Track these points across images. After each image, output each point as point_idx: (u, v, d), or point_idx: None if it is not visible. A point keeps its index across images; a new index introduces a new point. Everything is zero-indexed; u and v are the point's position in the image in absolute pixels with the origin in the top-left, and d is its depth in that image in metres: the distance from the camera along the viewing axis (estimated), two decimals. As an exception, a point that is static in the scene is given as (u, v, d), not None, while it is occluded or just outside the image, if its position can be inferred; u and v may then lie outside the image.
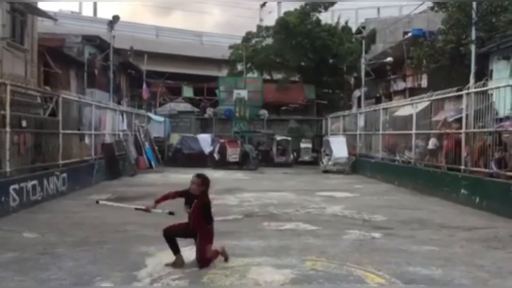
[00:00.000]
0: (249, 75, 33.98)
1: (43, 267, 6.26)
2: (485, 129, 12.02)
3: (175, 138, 27.04)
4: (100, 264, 6.42)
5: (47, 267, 6.25)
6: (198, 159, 25.17)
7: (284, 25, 31.17)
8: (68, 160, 14.44)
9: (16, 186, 10.54)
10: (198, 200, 6.26)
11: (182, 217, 6.46)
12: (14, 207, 10.33)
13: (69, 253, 6.93)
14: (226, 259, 6.40)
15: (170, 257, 6.60)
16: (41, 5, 18.59)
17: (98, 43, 25.47)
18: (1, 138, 10.49)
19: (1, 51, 15.09)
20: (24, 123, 12.07)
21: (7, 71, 14.80)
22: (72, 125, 15.35)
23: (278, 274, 5.97)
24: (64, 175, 13.40)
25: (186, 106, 34.29)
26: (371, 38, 32.28)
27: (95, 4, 50.54)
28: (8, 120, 10.68)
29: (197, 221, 6.25)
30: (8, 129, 10.69)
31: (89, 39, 25.11)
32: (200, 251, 6.23)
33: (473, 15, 17.84)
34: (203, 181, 6.34)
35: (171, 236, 6.40)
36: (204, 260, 6.21)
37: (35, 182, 11.47)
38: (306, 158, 27.35)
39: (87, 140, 16.85)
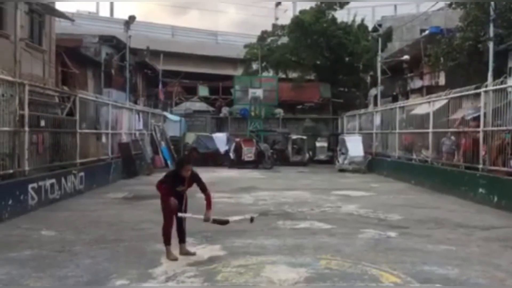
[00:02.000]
0: (265, 74, 33.96)
1: (60, 264, 6.35)
2: (504, 127, 11.84)
3: (190, 137, 27.17)
4: (116, 261, 6.49)
5: (65, 264, 6.35)
6: (213, 158, 25.29)
7: (299, 23, 31.08)
8: (86, 159, 14.63)
9: (35, 185, 10.70)
10: (187, 179, 6.77)
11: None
12: (33, 206, 10.49)
13: (86, 251, 7.02)
14: None
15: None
16: (59, 6, 18.84)
17: (114, 43, 25.74)
18: (20, 138, 10.66)
19: (20, 51, 15.32)
20: (42, 123, 12.25)
21: (25, 71, 15.03)
22: (89, 124, 15.54)
23: (292, 272, 5.97)
24: (82, 174, 13.57)
25: (201, 105, 34.45)
26: (388, 36, 32.00)
27: (111, 5, 51.17)
28: (26, 119, 10.86)
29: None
30: (27, 128, 10.87)
31: (106, 39, 25.38)
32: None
33: (491, 12, 17.57)
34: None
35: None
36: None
37: (53, 181, 11.63)
38: (322, 157, 27.26)
39: (104, 139, 17.02)
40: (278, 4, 50.78)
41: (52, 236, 8.06)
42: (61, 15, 19.50)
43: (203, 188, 6.78)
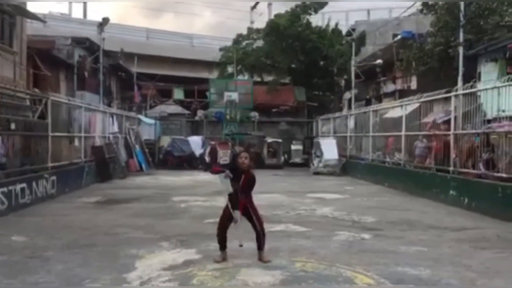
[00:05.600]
0: (240, 77, 34.00)
1: (31, 270, 6.22)
2: (473, 131, 12.14)
3: (165, 141, 26.98)
4: (89, 267, 6.39)
5: (36, 270, 6.22)
6: (189, 161, 25.18)
7: (274, 27, 31.22)
8: (58, 162, 14.36)
9: (5, 189, 10.46)
10: (245, 174, 6.55)
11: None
12: (3, 211, 10.25)
13: (58, 256, 6.89)
14: None
15: (160, 259, 6.63)
16: (31, 7, 18.50)
17: (88, 45, 25.38)
18: (-11, 141, 10.42)
19: (-11, 53, 14.99)
20: (12, 126, 11.99)
21: (-5, 73, 14.70)
22: (62, 127, 15.27)
23: (267, 275, 5.98)
24: (54, 178, 13.31)
25: (176, 108, 34.25)
26: (361, 40, 32.44)
27: (85, 6, 50.36)
28: (-4, 122, 10.62)
29: (245, 194, 6.55)
30: (-4, 131, 10.63)
31: (79, 41, 24.99)
32: (258, 222, 6.61)
33: (461, 18, 18.01)
34: (251, 156, 6.75)
35: (225, 232, 6.65)
36: (263, 228, 6.62)
37: (23, 185, 11.38)
38: (297, 160, 27.41)
39: (76, 143, 16.76)
40: (254, 7, 50.94)
41: (23, 242, 7.88)
42: (33, 16, 19.13)
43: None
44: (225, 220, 6.65)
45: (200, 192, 14.80)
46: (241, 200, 6.51)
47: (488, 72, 17.71)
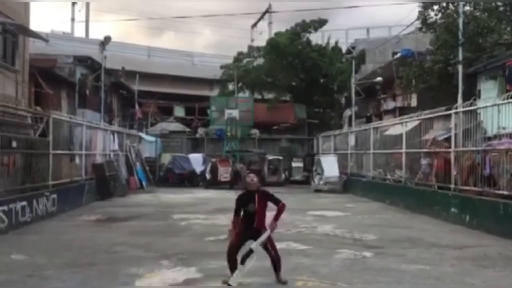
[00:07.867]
0: (241, 94, 34.15)
1: (31, 289, 6.18)
2: (474, 148, 12.14)
3: (166, 158, 26.98)
4: (88, 285, 6.36)
5: (35, 289, 6.18)
6: (189, 178, 25.15)
7: (274, 45, 31.48)
8: (58, 180, 14.34)
9: (5, 207, 10.43)
10: (258, 192, 6.54)
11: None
12: (3, 229, 10.20)
13: (58, 275, 6.85)
14: None
15: (160, 278, 6.58)
16: (33, 26, 18.66)
17: (89, 64, 25.54)
18: (-10, 159, 10.43)
19: (-8, 72, 15.08)
20: (14, 144, 12.01)
21: (-3, 91, 14.78)
22: (63, 145, 15.28)
23: (268, 294, 5.94)
24: (54, 196, 13.29)
25: (177, 126, 34.33)
26: (361, 58, 32.65)
27: (87, 25, 50.83)
28: (-3, 141, 10.64)
29: (261, 214, 6.48)
30: (-3, 150, 10.64)
31: (81, 60, 25.17)
32: (274, 252, 6.56)
33: (460, 36, 18.15)
34: (258, 175, 6.66)
35: (235, 255, 6.44)
36: (276, 251, 6.54)
37: (24, 203, 11.35)
38: (298, 177, 27.35)
39: (77, 161, 16.75)
40: (254, 26, 51.41)
41: (22, 260, 7.84)
42: (35, 35, 19.27)
43: (276, 201, 6.61)
44: (235, 247, 6.49)
45: (200, 210, 14.74)
46: (256, 223, 6.42)
47: (488, 89, 17.77)
